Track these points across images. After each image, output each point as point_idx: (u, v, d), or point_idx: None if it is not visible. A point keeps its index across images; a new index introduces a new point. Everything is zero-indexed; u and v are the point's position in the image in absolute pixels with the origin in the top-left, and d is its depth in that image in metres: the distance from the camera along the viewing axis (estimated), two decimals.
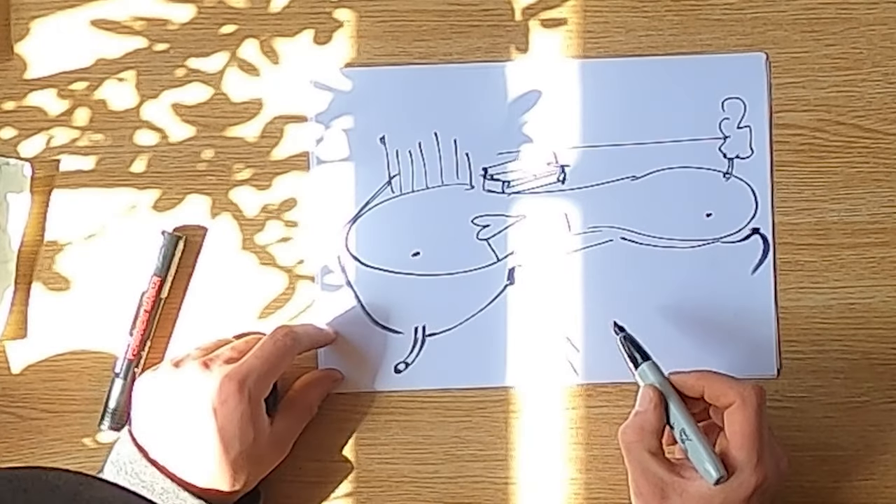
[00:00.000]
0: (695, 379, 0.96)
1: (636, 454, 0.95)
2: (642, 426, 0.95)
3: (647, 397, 0.96)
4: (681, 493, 0.94)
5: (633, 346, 0.98)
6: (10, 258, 1.04)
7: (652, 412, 0.95)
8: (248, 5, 1.05)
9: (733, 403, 0.94)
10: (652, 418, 0.95)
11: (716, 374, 0.96)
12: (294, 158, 1.05)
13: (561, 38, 1.05)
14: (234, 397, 0.95)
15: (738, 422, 0.94)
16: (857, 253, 1.05)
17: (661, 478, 0.94)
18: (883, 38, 1.05)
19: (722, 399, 0.95)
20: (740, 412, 0.94)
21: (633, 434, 0.95)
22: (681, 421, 0.95)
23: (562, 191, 1.05)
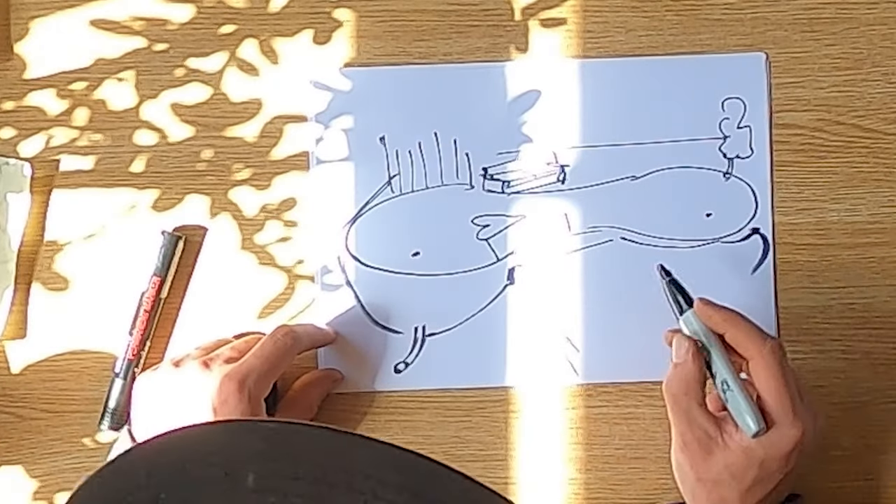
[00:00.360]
0: (721, 317, 0.96)
1: (684, 406, 0.95)
2: (686, 379, 0.95)
3: (684, 348, 0.95)
4: (724, 447, 0.94)
5: (679, 292, 0.98)
6: (10, 258, 1.04)
7: (692, 363, 0.95)
8: (247, 5, 1.05)
9: (753, 358, 0.94)
10: (693, 368, 0.94)
11: (741, 320, 0.95)
12: (294, 158, 1.05)
13: (561, 38, 1.05)
14: (234, 397, 0.95)
15: (762, 377, 0.93)
16: (857, 253, 1.05)
17: (707, 431, 0.94)
18: (883, 38, 1.05)
19: (742, 349, 0.95)
20: (762, 369, 0.93)
21: (680, 386, 0.95)
22: (722, 371, 0.94)
23: (562, 191, 1.05)
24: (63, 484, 1.04)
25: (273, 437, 0.55)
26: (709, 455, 0.94)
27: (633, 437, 1.05)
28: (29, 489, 1.04)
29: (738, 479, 0.94)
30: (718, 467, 0.94)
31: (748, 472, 0.94)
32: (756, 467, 0.93)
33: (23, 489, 1.04)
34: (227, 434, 0.57)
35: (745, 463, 0.93)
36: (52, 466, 1.04)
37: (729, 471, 0.94)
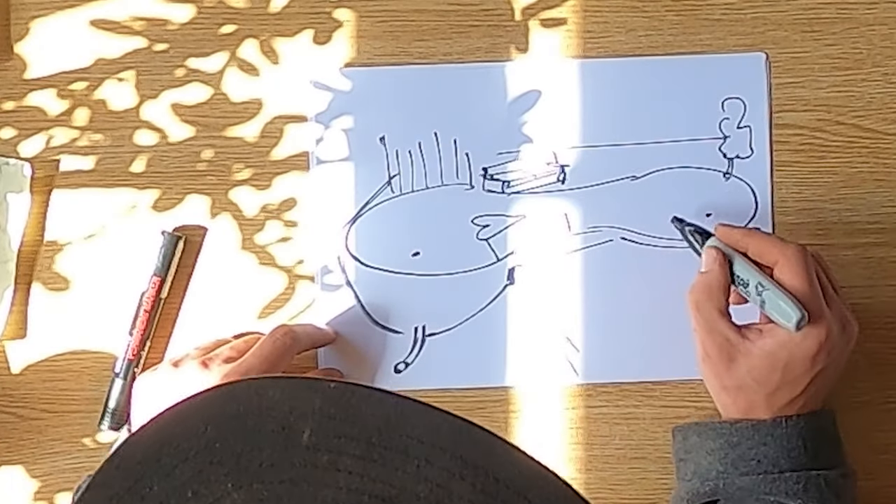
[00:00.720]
0: (740, 234, 0.98)
1: (706, 313, 0.96)
2: (710, 284, 0.96)
3: (711, 257, 0.97)
4: (746, 353, 0.95)
5: (698, 232, 1.00)
6: (10, 258, 1.04)
7: (718, 270, 0.96)
8: (248, 5, 1.05)
9: (777, 262, 0.95)
10: (718, 276, 0.96)
11: (760, 232, 0.99)
12: (294, 158, 1.05)
13: (561, 38, 1.05)
14: None
15: (786, 280, 0.95)
16: (857, 253, 1.05)
17: (728, 338, 0.95)
18: (883, 38, 1.05)
19: (766, 257, 0.96)
20: (787, 270, 0.95)
21: (702, 293, 0.96)
22: (754, 275, 0.95)
23: (562, 191, 1.05)
24: (63, 484, 1.04)
25: (332, 397, 0.56)
26: (731, 362, 0.95)
27: (633, 437, 1.05)
28: (29, 489, 1.04)
29: (762, 384, 0.95)
30: (741, 373, 0.95)
31: (772, 375, 0.95)
32: (780, 370, 0.95)
33: (23, 489, 1.04)
34: (288, 390, 0.57)
35: (769, 367, 0.95)
36: (52, 466, 1.04)
37: (752, 375, 0.95)
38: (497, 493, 0.54)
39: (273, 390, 0.57)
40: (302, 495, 0.53)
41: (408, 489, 0.53)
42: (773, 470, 0.95)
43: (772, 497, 0.95)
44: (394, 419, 0.55)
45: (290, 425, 0.54)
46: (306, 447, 0.54)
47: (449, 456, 0.54)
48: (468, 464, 0.54)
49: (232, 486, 0.53)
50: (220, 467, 0.53)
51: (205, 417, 0.55)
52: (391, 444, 0.54)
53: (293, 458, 0.54)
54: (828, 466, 0.96)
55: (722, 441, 0.96)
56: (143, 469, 0.54)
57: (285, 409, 0.55)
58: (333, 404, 0.55)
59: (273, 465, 0.53)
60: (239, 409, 0.56)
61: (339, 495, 0.53)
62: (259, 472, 0.53)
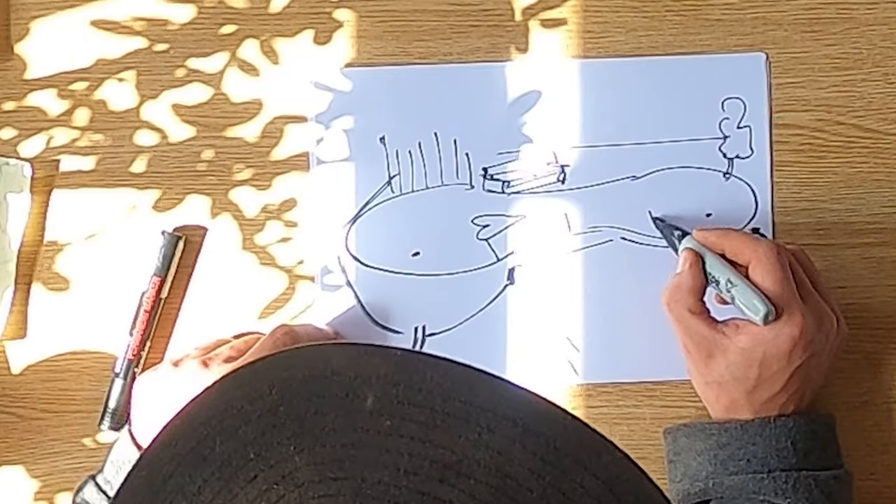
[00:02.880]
0: (716, 236, 0.99)
1: (676, 313, 0.98)
2: (679, 285, 0.98)
3: (683, 258, 0.99)
4: (724, 349, 0.96)
5: (673, 227, 1.01)
6: (10, 258, 1.04)
7: (688, 272, 0.98)
8: (248, 5, 1.05)
9: (750, 262, 0.96)
10: (688, 277, 0.98)
11: (735, 232, 1.00)
12: (294, 159, 1.05)
13: (561, 38, 1.05)
14: None
15: (758, 278, 0.96)
16: (857, 253, 1.05)
17: (704, 335, 0.97)
18: (883, 38, 1.05)
19: (740, 257, 0.97)
20: (759, 268, 0.96)
21: (672, 294, 0.98)
22: (724, 271, 0.97)
23: (562, 191, 1.05)
24: (63, 484, 1.04)
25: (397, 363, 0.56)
26: (709, 358, 0.97)
27: (633, 437, 1.05)
28: (29, 489, 1.04)
29: (740, 380, 0.96)
30: (720, 369, 0.97)
31: (749, 371, 0.96)
32: (756, 366, 0.96)
33: (23, 489, 1.04)
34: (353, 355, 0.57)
35: (745, 362, 0.96)
36: (52, 466, 1.04)
37: (730, 371, 0.96)
38: (557, 461, 0.54)
39: (338, 356, 0.57)
40: (363, 459, 0.53)
41: (469, 456, 0.53)
42: (762, 469, 0.96)
43: (761, 496, 0.95)
44: (457, 387, 0.56)
45: (354, 390, 0.55)
46: (369, 412, 0.54)
47: (510, 424, 0.55)
48: (529, 432, 0.55)
49: (294, 448, 0.53)
50: (282, 430, 0.54)
51: (269, 380, 0.56)
52: (453, 411, 0.54)
53: (356, 423, 0.54)
54: (819, 468, 0.97)
55: (711, 442, 0.97)
56: (205, 430, 0.55)
57: (350, 375, 0.55)
58: (398, 371, 0.56)
59: (336, 429, 0.54)
60: (304, 373, 0.56)
61: (399, 460, 0.53)
62: (321, 436, 0.53)
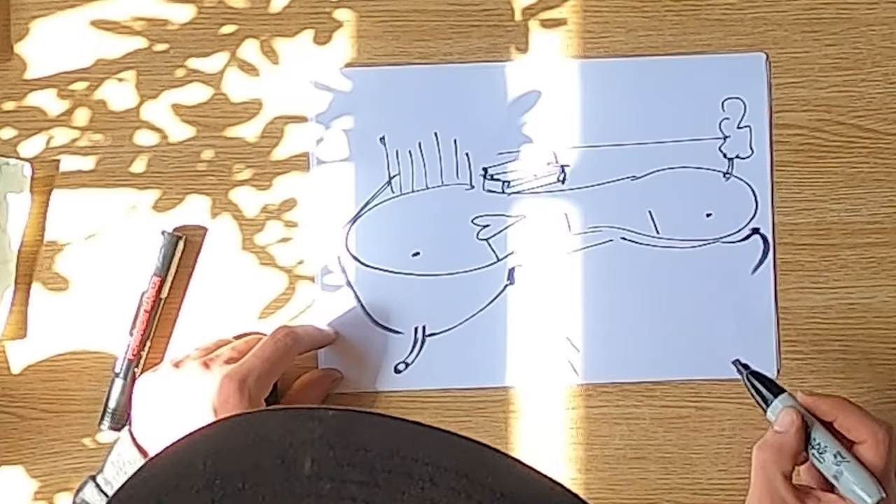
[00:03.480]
0: (829, 405, 0.95)
1: (770, 474, 0.94)
2: (781, 447, 0.94)
3: (790, 419, 0.94)
4: None
5: (763, 382, 0.96)
6: (10, 258, 1.04)
7: (793, 435, 0.94)
8: (248, 5, 1.05)
9: (865, 442, 0.94)
10: (793, 441, 0.94)
11: (851, 406, 0.96)
12: (294, 158, 1.05)
13: (561, 38, 1.05)
14: (234, 397, 0.95)
15: (867, 460, 0.93)
16: (857, 253, 1.05)
17: (786, 501, 0.94)
18: (883, 38, 1.05)
19: (853, 433, 0.95)
20: (872, 451, 0.94)
21: (772, 453, 0.94)
22: (833, 444, 0.94)
23: (562, 191, 1.05)
24: (63, 484, 1.04)
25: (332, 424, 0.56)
26: None
27: (633, 437, 1.05)
28: (29, 489, 1.04)
29: None
30: None
31: None
32: None
33: (23, 489, 1.04)
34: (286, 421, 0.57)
35: None
36: (52, 466, 1.04)
37: None
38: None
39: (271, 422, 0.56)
40: None
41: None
42: None
43: None
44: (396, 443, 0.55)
45: (291, 456, 0.54)
46: (308, 477, 0.53)
47: (453, 475, 0.54)
48: (473, 482, 0.54)
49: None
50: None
51: (203, 454, 0.55)
52: (394, 467, 0.54)
53: (295, 489, 0.53)
54: None
55: None
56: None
57: (285, 442, 0.54)
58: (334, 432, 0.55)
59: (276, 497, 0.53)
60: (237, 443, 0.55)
61: None
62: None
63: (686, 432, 1.05)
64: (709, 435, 1.05)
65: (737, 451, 1.05)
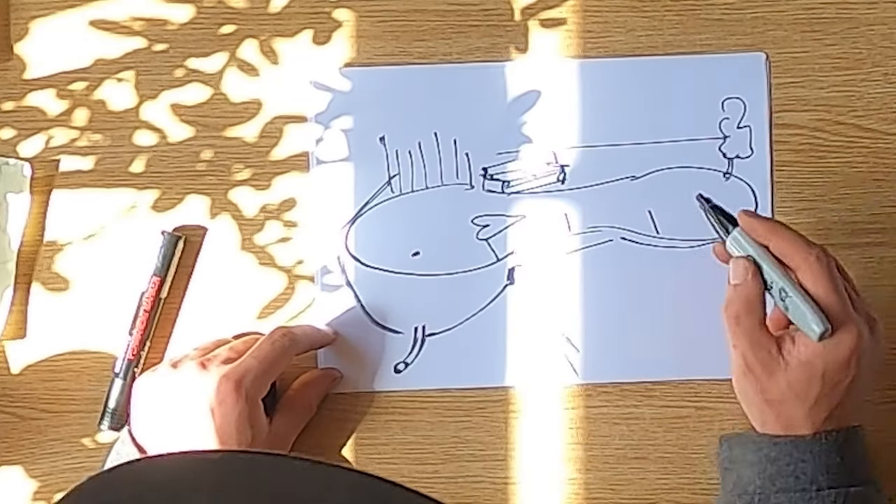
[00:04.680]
0: (764, 228, 0.95)
1: (747, 327, 0.94)
2: (748, 297, 0.94)
3: (743, 267, 0.95)
4: (785, 366, 0.93)
5: (722, 214, 0.97)
6: (10, 258, 1.04)
7: (752, 281, 0.94)
8: (247, 5, 1.05)
9: (799, 268, 0.93)
10: (754, 287, 0.94)
11: (784, 229, 0.95)
12: (294, 158, 1.05)
13: (561, 38, 1.05)
14: (231, 397, 0.95)
15: (810, 284, 0.93)
16: (857, 253, 1.05)
17: (769, 350, 0.93)
18: (883, 38, 1.05)
19: (788, 259, 0.94)
20: (809, 276, 0.93)
21: (742, 306, 0.94)
22: (778, 280, 0.93)
23: (561, 191, 1.05)
24: (63, 484, 1.04)
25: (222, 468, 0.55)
26: (771, 375, 0.93)
27: (633, 437, 1.05)
28: (29, 489, 1.04)
29: (802, 398, 0.93)
30: (782, 387, 0.93)
31: (812, 387, 0.93)
32: (819, 380, 0.93)
33: (23, 489, 1.04)
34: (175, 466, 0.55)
35: (807, 378, 0.93)
36: (52, 466, 1.04)
37: (792, 389, 0.93)
38: None
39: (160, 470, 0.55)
40: None
41: None
42: (811, 488, 0.93)
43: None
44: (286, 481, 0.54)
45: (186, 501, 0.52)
46: None
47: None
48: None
49: None
50: None
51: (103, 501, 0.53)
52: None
53: None
54: (863, 482, 0.95)
55: (761, 455, 0.95)
56: None
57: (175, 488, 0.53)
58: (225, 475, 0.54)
59: None
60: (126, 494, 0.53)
61: None
62: None
63: (686, 432, 1.05)
64: (709, 435, 1.05)
65: None
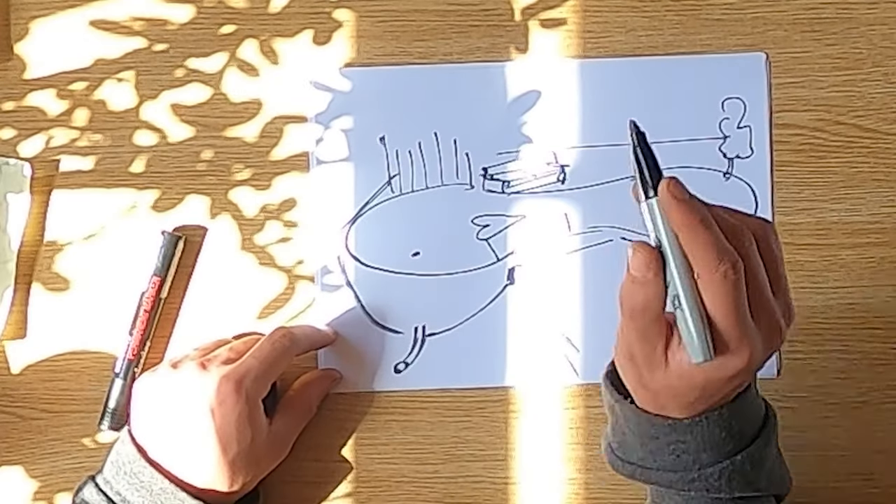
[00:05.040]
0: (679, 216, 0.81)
1: (639, 323, 0.83)
2: (646, 297, 0.82)
3: (644, 262, 0.82)
4: (666, 367, 0.84)
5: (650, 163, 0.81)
6: (10, 258, 1.04)
7: (652, 280, 0.81)
8: (247, 5, 1.05)
9: (700, 277, 0.80)
10: (654, 288, 0.81)
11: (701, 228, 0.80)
12: (294, 159, 1.05)
13: (561, 38, 1.05)
14: (231, 397, 0.95)
15: (709, 299, 0.81)
16: (857, 253, 1.05)
17: (656, 347, 0.84)
18: (883, 38, 1.05)
19: (692, 261, 0.81)
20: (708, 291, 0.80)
21: (638, 304, 0.83)
22: (676, 285, 0.80)
23: (561, 191, 1.05)
24: (63, 484, 1.04)
25: None
26: (651, 372, 0.85)
27: None
28: (29, 489, 1.04)
29: (678, 398, 0.86)
30: (658, 385, 0.85)
31: (689, 393, 0.85)
32: (698, 389, 0.85)
33: (23, 489, 1.04)
34: None
35: (686, 386, 0.85)
36: (52, 466, 1.04)
37: (669, 391, 0.85)
38: None
39: None
40: None
41: None
42: (693, 466, 0.88)
43: (693, 493, 0.89)
44: None
45: None
46: None
47: None
48: None
49: None
50: None
51: None
52: None
53: None
54: (752, 438, 0.89)
55: (641, 428, 0.88)
56: None
57: None
58: None
59: None
60: None
61: None
62: None
63: None
64: None
65: None
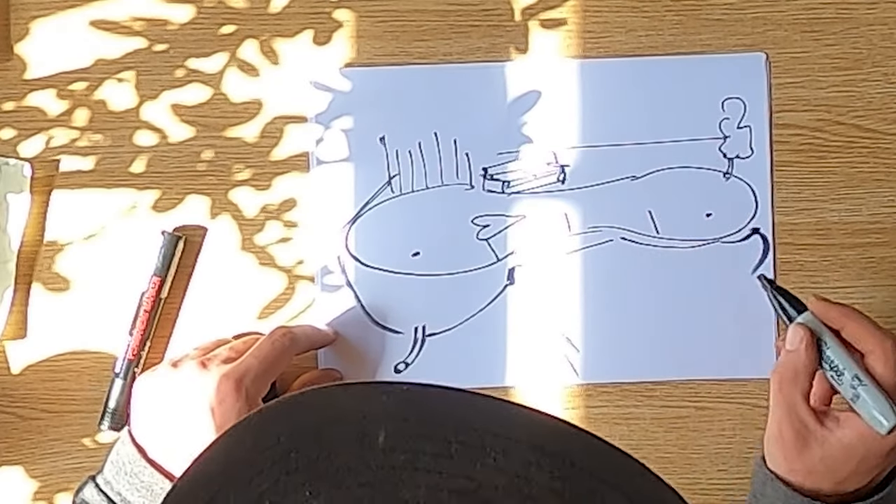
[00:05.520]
0: (838, 312, 0.95)
1: (788, 396, 0.93)
2: (796, 366, 0.93)
3: (798, 336, 0.94)
4: (822, 442, 0.93)
5: (785, 297, 0.96)
6: (10, 258, 1.04)
7: (804, 352, 0.93)
8: (247, 5, 1.05)
9: (873, 352, 0.93)
10: (805, 358, 0.93)
11: (858, 314, 0.95)
12: (294, 159, 1.05)
13: (561, 38, 1.05)
14: (231, 396, 0.95)
15: (877, 373, 0.92)
16: (857, 253, 1.05)
17: (807, 424, 0.93)
18: (883, 38, 1.05)
19: (861, 343, 0.94)
20: (881, 362, 0.93)
21: (788, 374, 0.93)
22: (851, 366, 0.93)
23: (562, 191, 1.05)
24: (63, 484, 1.04)
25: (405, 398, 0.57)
26: (805, 448, 0.93)
27: (633, 437, 1.05)
28: (29, 489, 1.04)
29: (832, 472, 0.93)
30: (814, 460, 0.93)
31: (846, 466, 0.93)
32: (855, 462, 0.93)
33: (23, 489, 1.04)
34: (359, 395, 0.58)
35: (844, 458, 0.93)
36: (52, 466, 1.04)
37: (824, 464, 0.93)
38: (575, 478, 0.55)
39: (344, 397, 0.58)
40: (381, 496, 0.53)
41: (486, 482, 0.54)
42: None
43: None
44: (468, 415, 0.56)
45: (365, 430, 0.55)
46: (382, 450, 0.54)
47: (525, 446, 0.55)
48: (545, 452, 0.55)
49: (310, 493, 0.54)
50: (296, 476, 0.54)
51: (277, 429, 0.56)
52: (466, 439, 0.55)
53: (370, 462, 0.54)
54: None
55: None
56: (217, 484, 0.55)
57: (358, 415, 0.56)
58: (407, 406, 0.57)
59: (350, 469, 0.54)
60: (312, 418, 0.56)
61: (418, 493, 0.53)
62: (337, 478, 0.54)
63: (686, 432, 1.05)
64: (709, 435, 1.05)
65: (737, 450, 1.05)
